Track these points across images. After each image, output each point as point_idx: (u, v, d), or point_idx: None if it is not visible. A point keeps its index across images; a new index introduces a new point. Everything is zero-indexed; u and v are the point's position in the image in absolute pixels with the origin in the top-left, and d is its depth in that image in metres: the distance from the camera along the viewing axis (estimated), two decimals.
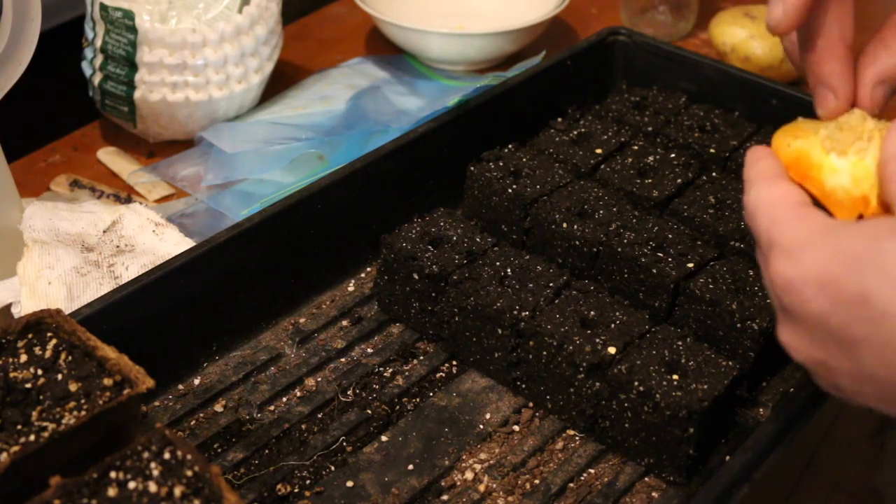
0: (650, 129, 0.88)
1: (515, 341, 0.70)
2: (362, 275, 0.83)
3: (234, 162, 0.93)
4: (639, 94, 0.92)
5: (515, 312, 0.70)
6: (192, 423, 0.70)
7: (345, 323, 0.78)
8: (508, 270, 0.73)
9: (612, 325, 0.69)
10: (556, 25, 1.18)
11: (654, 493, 0.66)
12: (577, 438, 0.70)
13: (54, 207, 0.84)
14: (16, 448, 0.54)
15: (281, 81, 1.07)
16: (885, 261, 0.44)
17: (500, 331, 0.71)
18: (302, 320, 0.78)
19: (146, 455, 0.52)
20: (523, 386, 0.72)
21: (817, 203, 0.54)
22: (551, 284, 0.72)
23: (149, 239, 0.83)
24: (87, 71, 0.98)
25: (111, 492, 0.50)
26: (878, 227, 0.46)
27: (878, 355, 0.45)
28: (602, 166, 0.83)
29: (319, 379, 0.74)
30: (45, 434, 0.54)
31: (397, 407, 0.72)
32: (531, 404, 0.72)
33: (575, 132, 0.87)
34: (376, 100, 1.03)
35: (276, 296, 0.78)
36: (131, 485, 0.50)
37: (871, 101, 0.56)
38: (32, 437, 0.54)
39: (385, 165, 0.82)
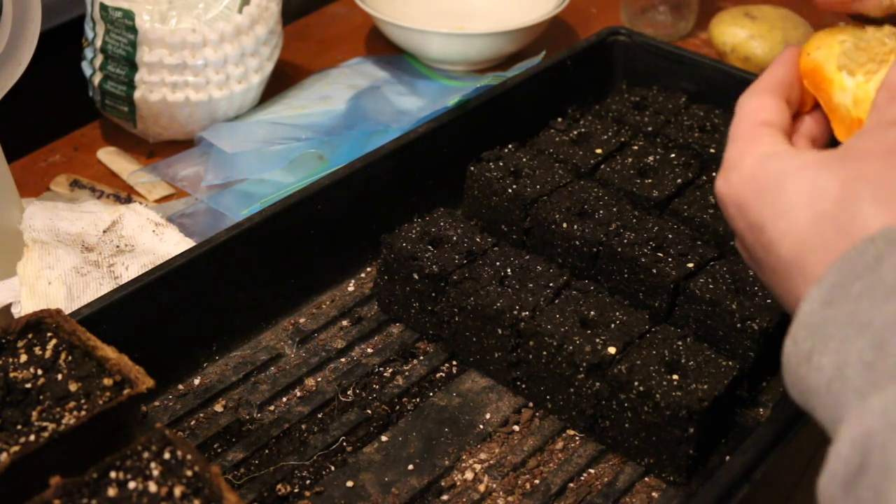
0: (650, 129, 0.88)
1: (515, 341, 0.70)
2: (362, 275, 0.83)
3: (234, 162, 0.93)
4: (639, 94, 0.92)
5: (515, 312, 0.70)
6: (192, 423, 0.70)
7: (345, 323, 0.78)
8: (508, 270, 0.73)
9: (612, 325, 0.69)
10: (556, 25, 1.18)
11: (654, 493, 0.66)
12: (577, 438, 0.70)
13: (54, 207, 0.84)
14: (16, 448, 0.54)
15: (281, 81, 1.07)
16: (780, 196, 0.47)
17: (500, 331, 0.71)
18: (302, 320, 0.78)
19: (146, 455, 0.52)
20: (523, 386, 0.72)
21: (822, 113, 0.55)
22: (551, 284, 0.72)
23: (149, 239, 0.83)
24: (87, 71, 0.98)
25: (111, 492, 0.50)
26: (793, 160, 0.48)
27: (770, 277, 0.50)
28: (602, 166, 0.83)
29: (319, 379, 0.74)
30: (45, 434, 0.54)
31: (397, 407, 0.72)
32: (531, 404, 0.72)
33: (575, 132, 0.87)
34: (376, 100, 1.03)
35: (276, 296, 0.78)
36: (131, 485, 0.50)
37: None
38: (32, 437, 0.54)
39: (385, 165, 0.82)
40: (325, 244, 0.80)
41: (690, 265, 0.73)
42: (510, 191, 0.80)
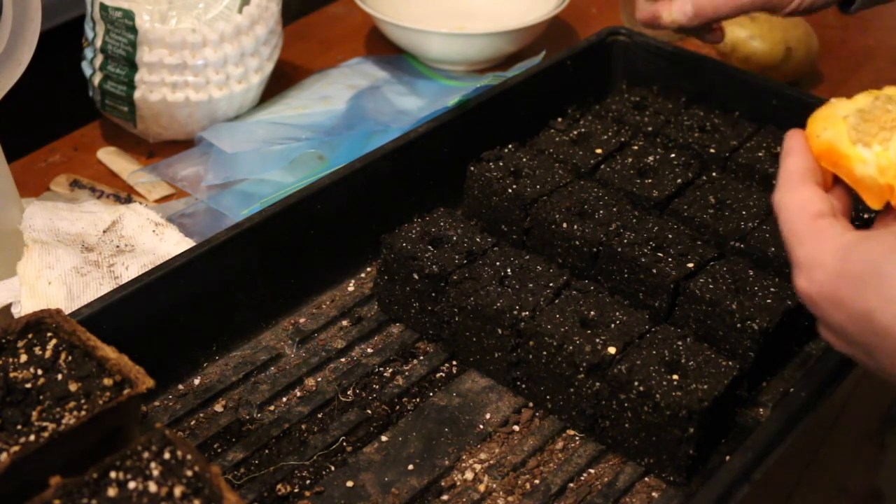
0: (650, 129, 0.88)
1: (515, 341, 0.70)
2: (362, 275, 0.83)
3: (234, 162, 0.93)
4: (639, 94, 0.92)
5: (515, 312, 0.70)
6: (192, 423, 0.70)
7: (345, 323, 0.78)
8: (508, 270, 0.73)
9: (612, 325, 0.69)
10: (556, 25, 1.18)
11: (654, 493, 0.66)
12: (577, 438, 0.70)
13: (54, 207, 0.84)
14: (16, 448, 0.54)
15: (281, 81, 1.07)
16: (881, 283, 0.49)
17: (500, 331, 0.71)
18: (302, 320, 0.78)
19: (146, 455, 0.52)
20: (523, 386, 0.72)
21: (847, 189, 0.57)
22: (551, 284, 0.72)
23: (149, 239, 0.83)
24: (87, 71, 0.98)
25: (111, 492, 0.50)
26: (875, 245, 0.51)
27: (891, 360, 0.51)
28: (602, 166, 0.83)
29: (319, 379, 0.74)
30: (45, 434, 0.54)
31: (397, 407, 0.72)
32: (531, 404, 0.72)
33: (575, 132, 0.87)
34: (376, 100, 1.03)
35: (276, 296, 0.78)
36: (131, 485, 0.50)
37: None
38: (32, 437, 0.54)
39: (385, 165, 0.82)
40: (325, 244, 0.80)
41: (690, 265, 0.73)
42: (510, 191, 0.80)
